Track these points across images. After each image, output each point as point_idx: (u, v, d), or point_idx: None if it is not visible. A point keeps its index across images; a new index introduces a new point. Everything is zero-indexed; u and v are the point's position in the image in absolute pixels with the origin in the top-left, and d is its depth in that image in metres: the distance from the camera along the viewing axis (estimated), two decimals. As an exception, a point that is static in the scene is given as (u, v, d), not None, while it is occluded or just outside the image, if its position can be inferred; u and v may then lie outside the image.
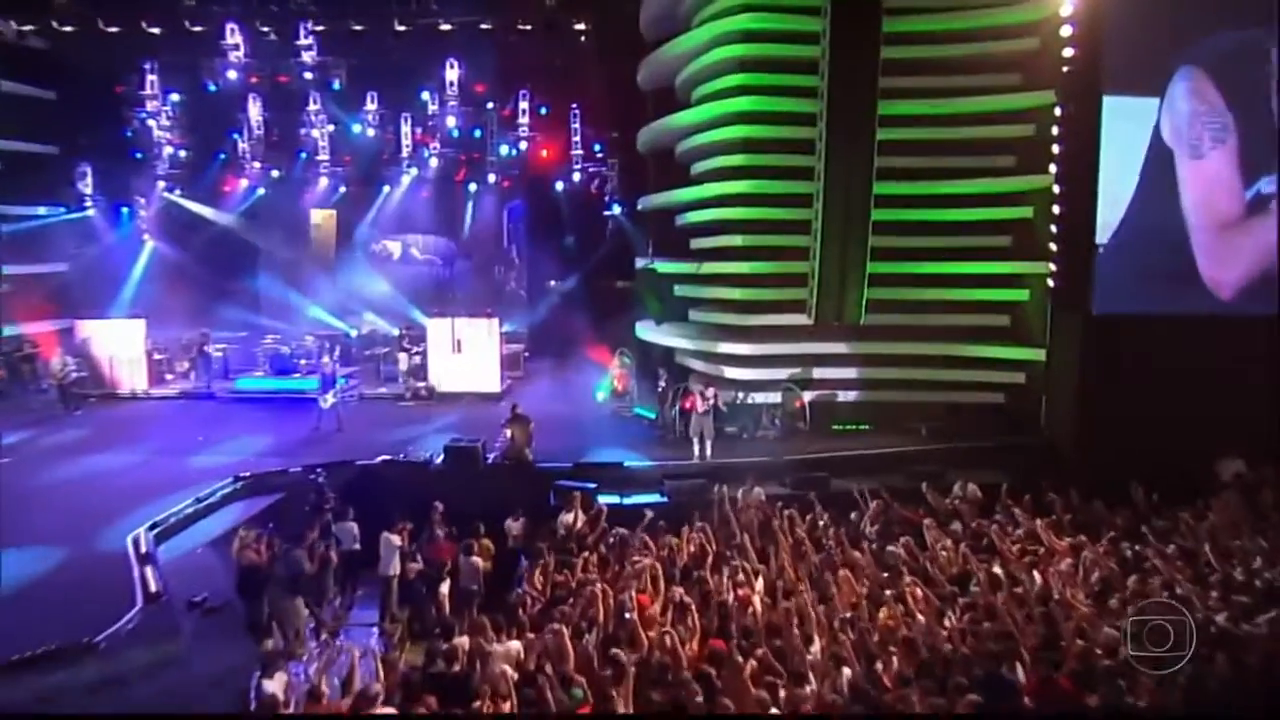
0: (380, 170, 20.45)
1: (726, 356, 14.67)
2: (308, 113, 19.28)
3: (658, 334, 16.28)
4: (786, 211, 13.96)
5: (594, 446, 13.05)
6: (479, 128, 20.14)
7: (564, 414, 15.05)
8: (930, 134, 13.91)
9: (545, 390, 17.41)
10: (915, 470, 11.63)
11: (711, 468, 12.06)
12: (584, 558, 8.75)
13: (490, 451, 12.47)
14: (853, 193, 13.23)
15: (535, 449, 12.39)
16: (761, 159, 14.23)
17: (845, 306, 13.66)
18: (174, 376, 17.93)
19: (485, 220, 21.64)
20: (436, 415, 13.95)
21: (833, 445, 13.05)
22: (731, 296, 14.84)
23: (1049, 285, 13.28)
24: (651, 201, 17.46)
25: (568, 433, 13.83)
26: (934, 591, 7.79)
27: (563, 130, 20.17)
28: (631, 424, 14.96)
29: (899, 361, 14.38)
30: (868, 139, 13.08)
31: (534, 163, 20.37)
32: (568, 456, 12.33)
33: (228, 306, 19.27)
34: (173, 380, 17.83)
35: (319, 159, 19.81)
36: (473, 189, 21.11)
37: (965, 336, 14.37)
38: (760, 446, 13.26)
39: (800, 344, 14.39)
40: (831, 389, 14.45)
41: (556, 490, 11.10)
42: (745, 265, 14.55)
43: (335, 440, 13.67)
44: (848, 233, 13.38)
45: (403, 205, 20.93)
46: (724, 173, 14.83)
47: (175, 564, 9.12)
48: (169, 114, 19.04)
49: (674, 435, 13.76)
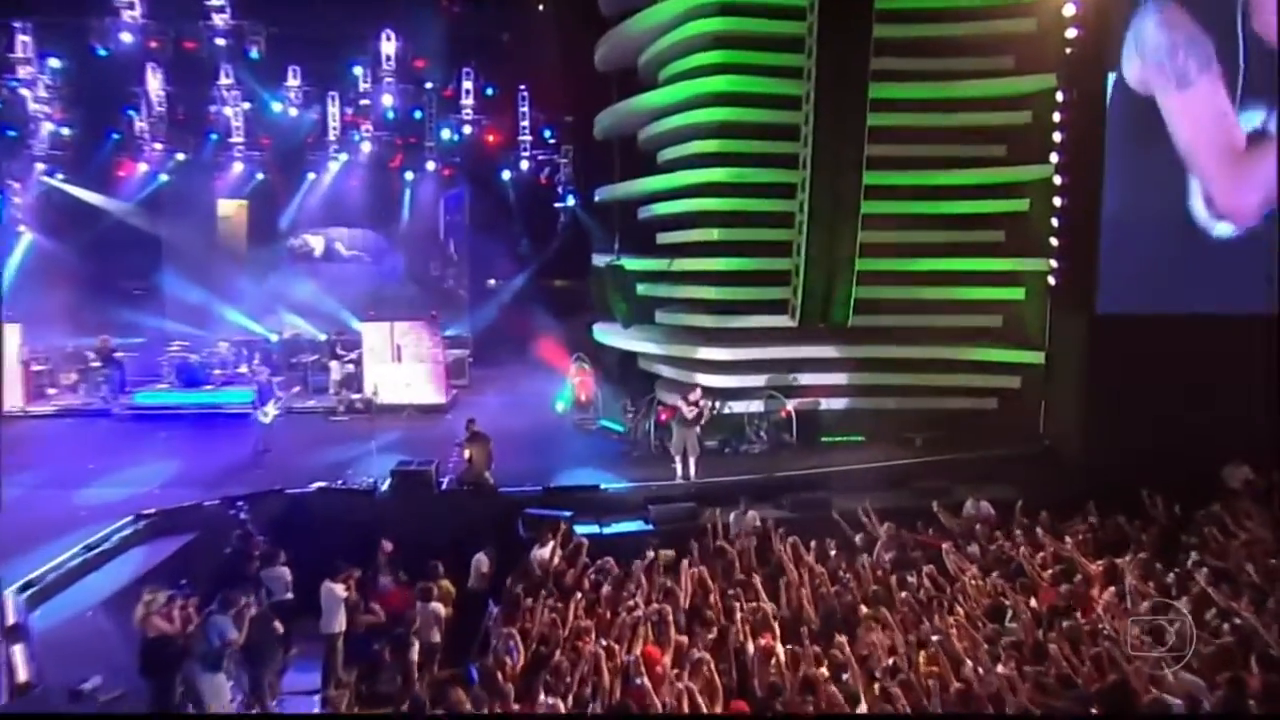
0: (304, 155, 19.03)
1: (701, 362, 14.03)
2: (219, 87, 17.62)
3: (622, 338, 15.59)
4: (768, 203, 13.37)
5: (562, 466, 12.20)
6: (418, 108, 18.92)
7: (521, 429, 14.09)
8: (923, 120, 13.55)
9: (496, 402, 16.45)
10: (920, 487, 11.26)
11: (698, 489, 11.34)
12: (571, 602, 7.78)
13: (444, 475, 11.45)
14: (841, 183, 12.55)
15: (496, 471, 11.35)
16: (740, 145, 13.61)
17: (832, 306, 13.01)
18: (57, 391, 16.14)
19: (424, 212, 20.48)
20: (375, 432, 12.72)
21: (826, 460, 12.50)
22: (706, 296, 14.22)
23: (1049, 283, 13.07)
24: (612, 192, 16.67)
25: (529, 450, 12.94)
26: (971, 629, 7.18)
27: (511, 113, 19.42)
28: (598, 439, 14.17)
29: (888, 366, 13.98)
30: (858, 124, 12.47)
31: (479, 149, 19.62)
32: (535, 479, 11.43)
33: (123, 309, 17.46)
34: (56, 395, 16.02)
35: (232, 141, 18.22)
36: (410, 177, 19.96)
37: (957, 338, 14.07)
38: (747, 463, 12.62)
39: (783, 347, 13.87)
40: (815, 396, 13.92)
41: (526, 520, 10.21)
42: (722, 262, 13.94)
43: (261, 464, 12.36)
44: (836, 226, 12.70)
45: (330, 195, 19.49)
46: (698, 160, 14.16)
47: (55, 636, 7.66)
48: (48, 84, 16.97)
49: (649, 451, 12.98)
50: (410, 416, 15.02)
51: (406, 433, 13.97)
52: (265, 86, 17.85)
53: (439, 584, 9.03)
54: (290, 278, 19.29)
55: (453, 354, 16.99)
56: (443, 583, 9.12)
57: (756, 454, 13.04)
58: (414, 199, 20.14)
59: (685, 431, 11.61)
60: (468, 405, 15.48)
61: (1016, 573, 8.48)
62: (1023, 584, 8.12)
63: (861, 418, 13.92)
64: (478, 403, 15.98)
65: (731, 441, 13.16)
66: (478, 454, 11.22)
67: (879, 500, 10.87)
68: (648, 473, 11.92)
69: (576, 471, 12.02)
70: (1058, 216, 12.78)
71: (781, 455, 12.89)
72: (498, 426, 12.49)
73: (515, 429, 13.71)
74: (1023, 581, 8.18)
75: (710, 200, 13.86)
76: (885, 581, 8.35)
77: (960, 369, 13.95)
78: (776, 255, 13.22)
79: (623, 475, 11.88)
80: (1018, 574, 8.43)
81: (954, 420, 13.71)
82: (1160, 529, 9.51)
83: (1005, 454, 12.70)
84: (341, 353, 16.30)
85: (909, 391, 14.00)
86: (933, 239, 13.89)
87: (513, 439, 12.79)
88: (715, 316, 14.03)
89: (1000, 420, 13.85)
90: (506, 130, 19.48)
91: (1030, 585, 8.15)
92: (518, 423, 14.36)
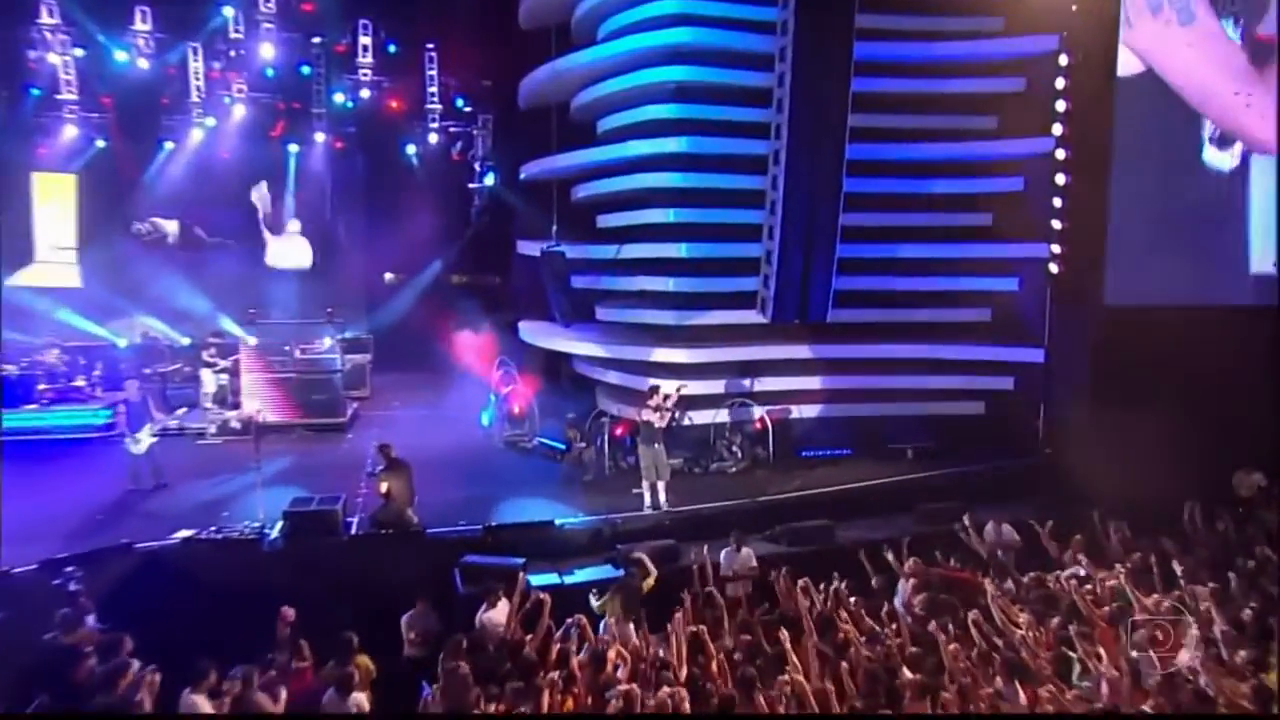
0: (157, 119, 16.62)
1: (655, 365, 12.94)
2: (39, 28, 14.96)
3: (556, 339, 14.55)
4: (735, 179, 12.66)
5: (501, 497, 10.74)
6: (305, 64, 16.81)
7: (443, 450, 12.56)
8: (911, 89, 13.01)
9: (406, 417, 14.95)
10: (929, 510, 10.47)
11: (674, 520, 10.10)
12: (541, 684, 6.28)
13: (353, 515, 9.78)
14: (822, 155, 11.91)
15: (420, 507, 9.71)
16: (702, 111, 12.76)
17: (809, 300, 12.31)
18: None
19: (311, 191, 18.48)
20: (260, 459, 10.70)
21: (813, 479, 11.57)
22: (661, 288, 13.21)
23: (1049, 271, 12.59)
24: (542, 168, 15.35)
25: (458, 478, 11.46)
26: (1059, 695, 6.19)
27: (417, 75, 17.73)
28: (538, 460, 12.75)
29: (872, 368, 13.33)
30: (841, 86, 11.64)
31: (378, 117, 17.84)
32: (470, 515, 9.93)
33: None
34: None
35: (60, 99, 15.59)
36: (293, 150, 17.92)
37: (944, 335, 13.54)
38: (722, 485, 11.49)
39: (752, 347, 13.04)
40: (791, 404, 13.07)
41: (466, 571, 8.70)
42: (680, 248, 12.99)
43: (131, 507, 10.33)
44: (814, 206, 12.04)
45: (191, 169, 17.09)
46: (649, 128, 13.15)
47: None
48: None
49: (603, 473, 11.73)
50: (302, 438, 13.45)
51: (300, 459, 12.28)
52: (106, 30, 15.32)
53: (355, 662, 7.32)
54: (142, 270, 16.79)
55: (350, 359, 15.41)
56: (360, 660, 7.42)
57: (732, 473, 11.97)
58: (299, 176, 18.18)
59: (656, 449, 10.33)
60: (372, 422, 14.33)
61: (1072, 614, 7.62)
62: (1082, 630, 7.22)
63: (838, 427, 13.18)
64: (383, 419, 14.72)
65: (700, 460, 11.95)
66: (397, 486, 9.57)
67: (882, 527, 10.22)
68: (608, 501, 10.59)
69: (520, 503, 10.57)
70: (1060, 196, 12.29)
71: (759, 474, 11.95)
72: (414, 448, 10.98)
73: (436, 451, 12.22)
74: (1081, 628, 7.29)
75: (664, 175, 12.95)
76: (928, 636, 7.27)
77: (946, 369, 13.39)
78: (744, 240, 12.59)
79: (578, 506, 10.51)
80: (1074, 615, 7.56)
81: (939, 428, 13.13)
82: (1211, 553, 8.89)
83: (1003, 467, 12.16)
84: (212, 360, 14.19)
85: (893, 396, 13.38)
86: (915, 223, 13.44)
87: (435, 464, 11.32)
88: (672, 312, 13.14)
89: (990, 427, 13.31)
90: (412, 96, 17.84)
91: (1089, 630, 7.28)
92: (437, 442, 12.88)
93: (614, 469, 11.73)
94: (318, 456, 12.44)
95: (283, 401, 13.76)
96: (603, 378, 14.14)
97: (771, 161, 12.13)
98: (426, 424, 14.19)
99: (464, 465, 12.12)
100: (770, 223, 12.19)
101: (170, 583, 8.35)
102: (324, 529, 9.21)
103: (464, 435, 13.65)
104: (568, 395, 15.03)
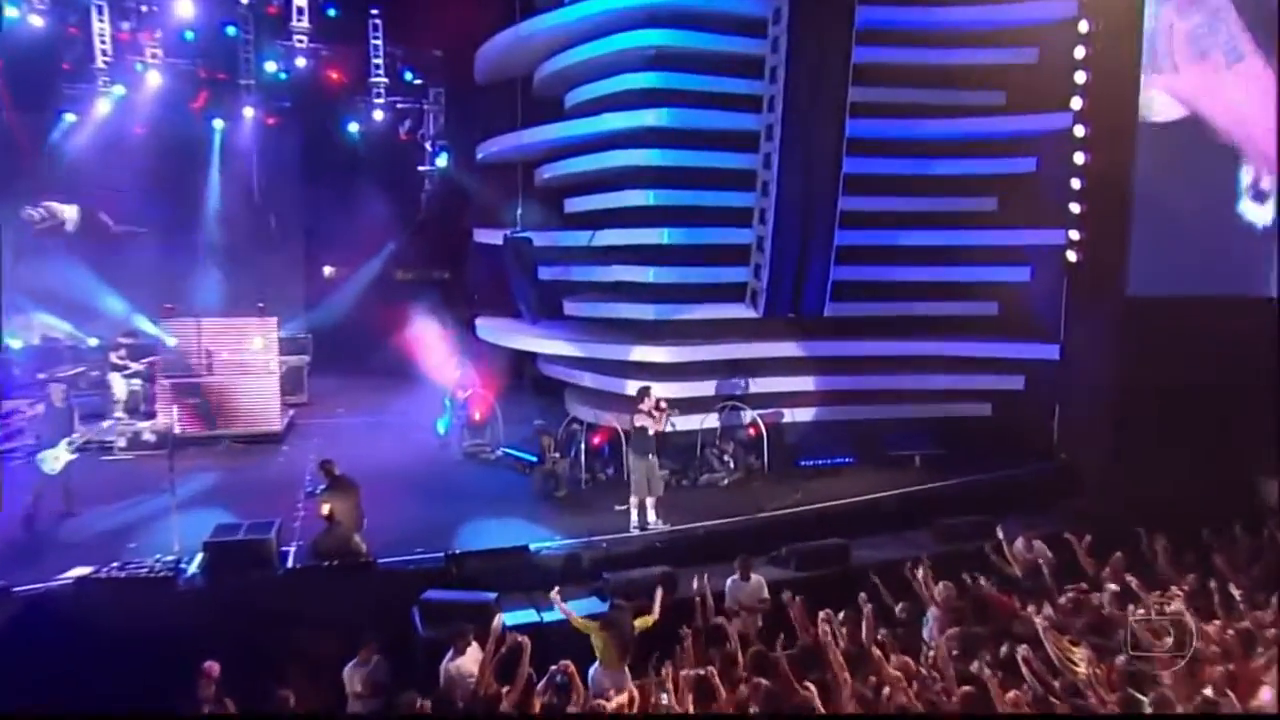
0: (55, 88, 15.26)
1: (635, 365, 12.22)
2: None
3: (521, 337, 13.79)
4: (722, 157, 12.10)
5: (465, 518, 9.75)
6: (231, 24, 15.60)
7: (395, 463, 11.64)
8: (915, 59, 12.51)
9: (351, 425, 13.96)
10: (949, 526, 9.84)
11: (666, 542, 9.23)
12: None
13: (290, 544, 8.76)
14: (820, 130, 11.32)
15: (369, 532, 8.70)
16: (684, 80, 12.10)
17: (804, 292, 11.77)
18: None
19: (237, 174, 17.42)
20: (177, 477, 9.53)
21: (816, 491, 10.81)
22: (640, 279, 12.54)
23: (1067, 259, 12.14)
24: (503, 147, 14.58)
25: (413, 496, 10.48)
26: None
27: (360, 44, 16.77)
28: (503, 473, 11.87)
29: (873, 366, 12.81)
30: (842, 56, 11.05)
31: (316, 90, 16.90)
32: (429, 540, 8.92)
33: None
34: None
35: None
36: (218, 126, 16.81)
37: (949, 330, 13.07)
38: (716, 500, 10.68)
39: (742, 345, 12.45)
40: (785, 407, 12.43)
41: (428, 610, 7.73)
42: (661, 233, 12.34)
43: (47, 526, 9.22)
44: (812, 188, 11.51)
45: (96, 146, 15.68)
46: (625, 99, 12.46)
47: None
48: None
49: (580, 487, 10.89)
50: (230, 452, 12.37)
51: (226, 478, 11.23)
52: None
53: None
54: (41, 262, 15.34)
55: (286, 361, 14.39)
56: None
57: (724, 486, 11.20)
58: (224, 155, 17.07)
59: (650, 461, 9.47)
60: (311, 433, 13.44)
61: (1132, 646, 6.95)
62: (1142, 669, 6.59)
63: (836, 432, 12.60)
64: (325, 429, 13.84)
65: (688, 471, 11.16)
66: (341, 509, 8.56)
67: (897, 545, 9.58)
68: (589, 521, 9.69)
69: (487, 525, 9.59)
70: (1079, 177, 11.82)
71: (754, 486, 11.20)
72: (361, 463, 10.06)
73: (386, 465, 11.31)
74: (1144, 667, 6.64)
75: (642, 152, 12.29)
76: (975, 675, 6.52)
77: (951, 368, 12.91)
78: (732, 224, 12.08)
79: (554, 527, 9.57)
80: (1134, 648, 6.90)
81: (942, 432, 12.60)
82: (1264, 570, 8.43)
83: (1022, 475, 11.63)
84: (123, 362, 12.95)
85: (894, 398, 12.87)
86: (917, 208, 12.94)
87: (386, 481, 10.35)
88: (652, 306, 12.45)
89: (997, 431, 12.82)
90: (354, 66, 16.91)
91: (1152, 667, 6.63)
92: (388, 455, 12.01)
93: (590, 482, 10.87)
94: (247, 474, 11.43)
95: (207, 410, 12.66)
96: (573, 380, 13.37)
97: (763, 137, 11.55)
98: (374, 434, 13.35)
99: (419, 481, 11.20)
100: (762, 205, 11.60)
101: (60, 635, 7.16)
102: (253, 562, 8.15)
103: (418, 446, 12.84)
104: (532, 400, 14.27)
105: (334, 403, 15.29)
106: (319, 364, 15.91)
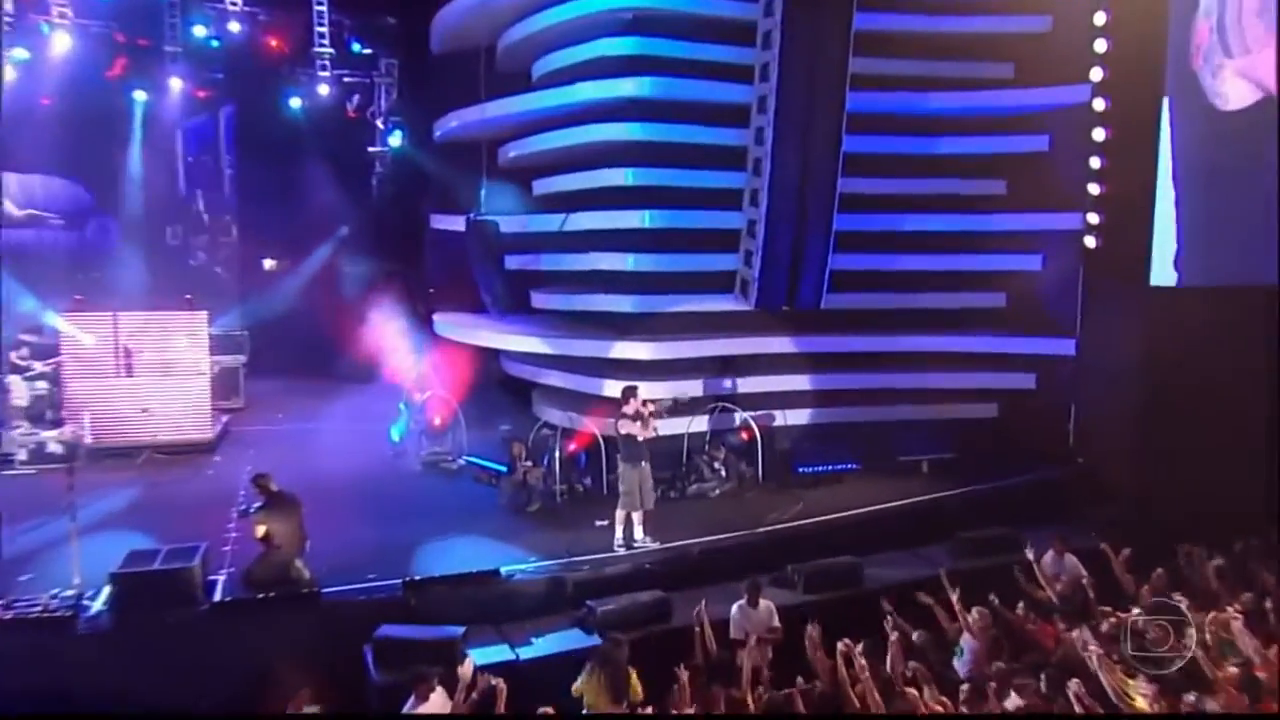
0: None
1: (613, 363, 11.59)
2: None
3: (485, 332, 13.14)
4: (709, 131, 11.64)
5: (425, 539, 8.92)
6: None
7: (343, 476, 10.83)
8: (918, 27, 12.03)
9: (293, 433, 13.18)
10: (971, 540, 9.25)
11: (658, 563, 8.47)
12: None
13: (218, 572, 7.86)
14: (819, 102, 10.83)
15: (312, 557, 7.78)
16: (667, 46, 11.60)
17: (800, 282, 11.43)
18: None
19: (162, 152, 16.68)
20: (85, 496, 8.61)
21: (819, 501, 10.20)
22: (618, 267, 11.96)
23: (1084, 245, 11.71)
24: (463, 122, 13.85)
25: (364, 514, 9.67)
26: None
27: (303, 9, 15.99)
28: (466, 485, 11.11)
29: (873, 364, 12.34)
30: (842, 20, 10.65)
31: (252, 60, 16.28)
32: (383, 565, 8.10)
33: None
34: None
35: None
36: (139, 98, 15.85)
37: (953, 324, 12.60)
38: (707, 512, 9.99)
39: (731, 340, 11.90)
40: (780, 408, 11.83)
41: (382, 648, 6.88)
42: (642, 216, 11.75)
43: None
44: (809, 166, 11.06)
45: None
46: (601, 67, 11.84)
47: None
48: None
49: (555, 501, 10.10)
50: (151, 464, 11.47)
51: (145, 495, 10.30)
52: None
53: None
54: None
55: (219, 361, 13.52)
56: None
57: (715, 496, 10.53)
58: (146, 131, 16.17)
59: (643, 469, 8.70)
60: (246, 441, 12.67)
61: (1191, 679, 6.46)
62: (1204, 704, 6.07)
63: (835, 435, 12.08)
64: (262, 437, 12.95)
65: (676, 480, 10.50)
66: (280, 529, 7.67)
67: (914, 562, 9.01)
68: (566, 539, 8.93)
69: (451, 546, 8.75)
70: (1098, 155, 11.39)
71: (749, 497, 10.59)
72: (303, 476, 9.38)
73: (333, 478, 10.54)
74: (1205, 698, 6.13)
75: (620, 126, 11.70)
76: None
77: (957, 364, 12.43)
78: (720, 207, 11.70)
79: (527, 546, 8.77)
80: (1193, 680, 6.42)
81: (947, 434, 12.11)
82: None
83: (1038, 481, 11.09)
84: (25, 363, 11.97)
85: (896, 398, 12.42)
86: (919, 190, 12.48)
87: (332, 496, 9.62)
88: (631, 297, 11.89)
89: (1006, 432, 12.36)
90: (296, 34, 16.27)
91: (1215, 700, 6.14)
92: (334, 467, 11.18)
93: (566, 494, 10.06)
94: (170, 490, 10.49)
95: (124, 417, 11.75)
96: (543, 380, 12.68)
97: (755, 110, 11.06)
98: (319, 442, 12.57)
99: (372, 496, 10.43)
100: (754, 186, 11.16)
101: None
102: (172, 596, 7.19)
103: (369, 456, 12.07)
104: (496, 403, 13.55)
105: (274, 408, 14.58)
106: (257, 364, 15.15)
